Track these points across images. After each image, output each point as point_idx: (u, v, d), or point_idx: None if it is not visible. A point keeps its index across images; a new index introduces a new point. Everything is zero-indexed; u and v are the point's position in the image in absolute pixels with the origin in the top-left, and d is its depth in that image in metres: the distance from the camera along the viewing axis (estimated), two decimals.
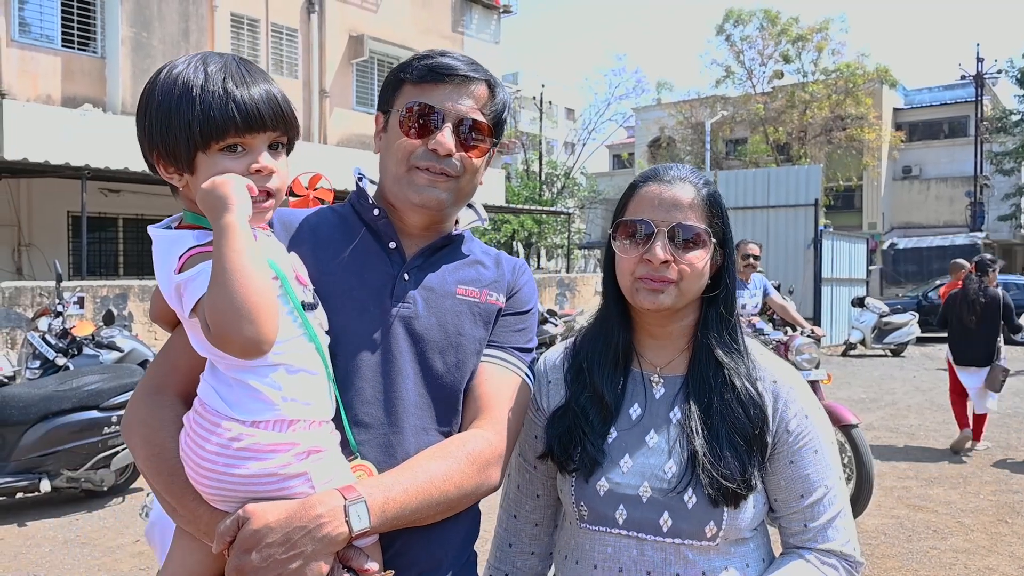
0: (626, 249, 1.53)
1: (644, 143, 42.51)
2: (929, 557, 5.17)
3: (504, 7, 24.37)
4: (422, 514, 1.35)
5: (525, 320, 1.64)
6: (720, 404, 1.50)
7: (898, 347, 17.26)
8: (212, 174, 1.25)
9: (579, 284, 20.03)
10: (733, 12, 34.58)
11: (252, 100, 1.26)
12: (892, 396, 11.73)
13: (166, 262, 1.26)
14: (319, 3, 19.41)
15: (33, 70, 14.91)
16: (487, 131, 1.55)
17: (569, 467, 1.54)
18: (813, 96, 33.25)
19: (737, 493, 1.44)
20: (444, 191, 1.51)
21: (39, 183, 15.20)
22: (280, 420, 1.26)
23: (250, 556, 1.20)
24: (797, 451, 1.50)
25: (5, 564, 5.08)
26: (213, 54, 1.31)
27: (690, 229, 1.49)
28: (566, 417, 1.58)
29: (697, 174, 1.58)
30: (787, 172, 19.42)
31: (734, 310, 1.60)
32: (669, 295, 1.50)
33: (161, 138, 1.26)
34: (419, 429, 1.47)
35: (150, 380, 1.42)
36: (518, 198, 33.19)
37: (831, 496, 1.50)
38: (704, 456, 1.45)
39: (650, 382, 1.59)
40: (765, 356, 1.61)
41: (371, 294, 1.49)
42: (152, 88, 1.28)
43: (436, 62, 1.52)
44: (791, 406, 1.52)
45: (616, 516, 1.50)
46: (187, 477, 1.28)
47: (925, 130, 40.36)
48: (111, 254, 17.07)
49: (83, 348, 7.39)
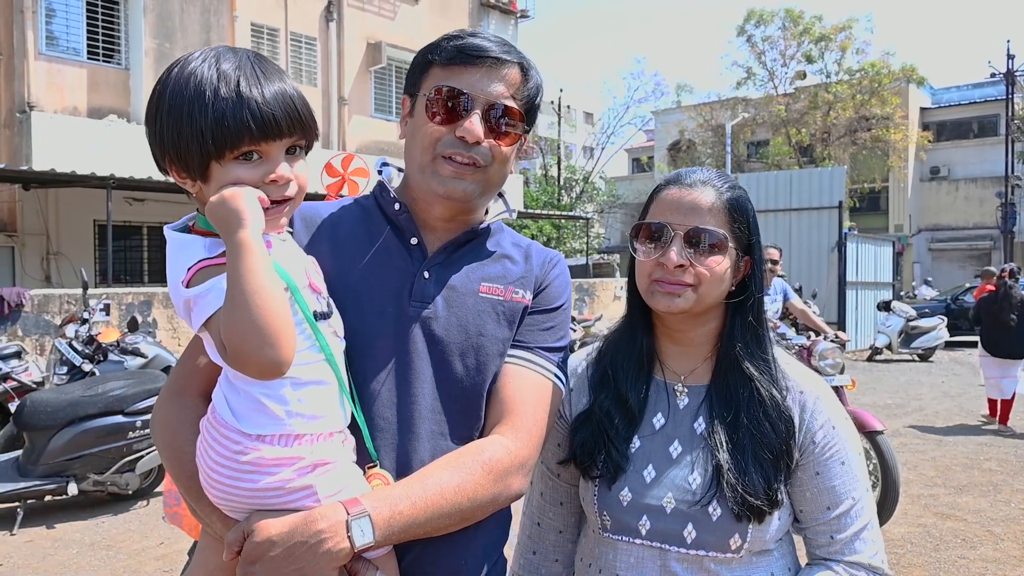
0: (644, 252, 1.51)
1: (664, 146, 42.33)
2: (958, 567, 5.08)
3: (521, 12, 24.42)
4: (433, 526, 1.30)
5: (554, 317, 1.55)
6: (746, 418, 1.47)
7: (926, 352, 17.00)
8: (226, 183, 1.20)
9: (598, 289, 19.97)
10: (754, 12, 34.34)
11: (267, 105, 1.20)
12: (919, 402, 11.57)
13: (175, 271, 1.22)
14: (337, 11, 19.54)
15: (60, 82, 15.13)
16: (519, 117, 1.47)
17: (592, 473, 1.52)
18: (837, 96, 32.90)
19: (761, 509, 1.42)
20: (471, 183, 1.44)
21: (66, 193, 15.41)
22: (285, 435, 1.23)
23: (255, 567, 1.19)
24: (823, 463, 1.48)
25: (35, 565, 5.15)
26: (227, 50, 1.25)
27: (708, 233, 1.47)
28: (590, 422, 1.56)
29: (723, 178, 1.55)
30: (810, 174, 19.24)
31: (762, 318, 1.56)
32: (685, 299, 1.47)
33: (173, 145, 1.20)
34: (436, 435, 1.41)
35: (173, 382, 1.41)
36: (536, 203, 33.21)
37: (858, 508, 1.48)
38: (729, 471, 1.43)
39: (673, 391, 1.57)
40: (791, 365, 1.58)
41: (389, 294, 1.44)
42: (163, 88, 1.21)
43: (466, 43, 1.44)
44: (818, 417, 1.50)
45: (639, 527, 1.48)
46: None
47: (953, 129, 39.78)
48: (136, 262, 17.27)
49: (108, 354, 7.47)
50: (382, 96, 20.89)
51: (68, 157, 13.76)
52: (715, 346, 1.57)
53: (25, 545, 5.51)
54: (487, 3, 22.97)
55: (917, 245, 37.90)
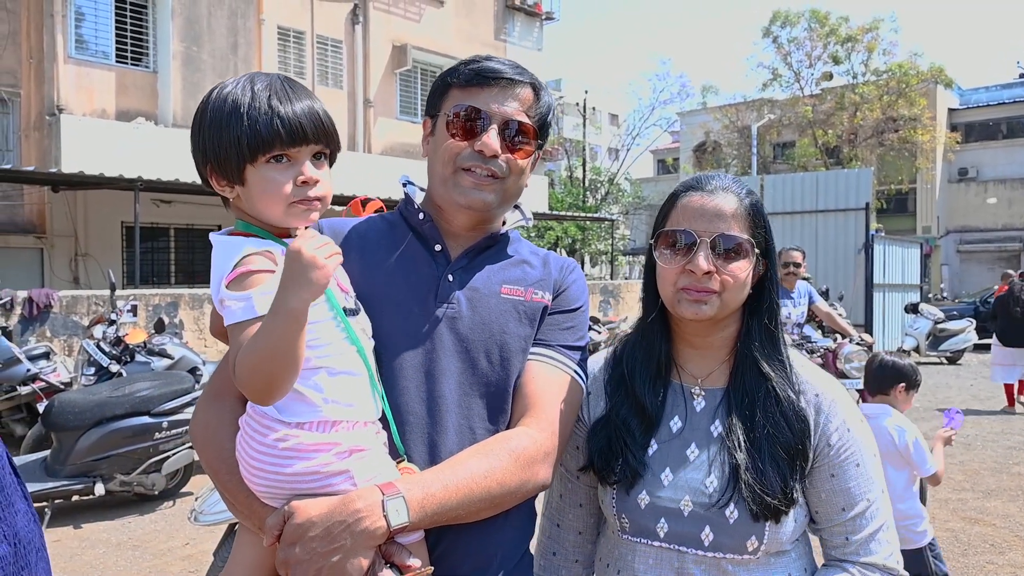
0: (668, 259, 1.52)
1: (689, 148, 42.15)
2: (986, 572, 5.02)
3: (547, 14, 24.39)
4: (464, 511, 1.36)
5: (573, 318, 1.64)
6: (763, 417, 1.49)
7: (954, 354, 16.83)
8: (261, 185, 1.35)
9: (623, 291, 19.89)
10: (780, 13, 34.08)
11: (295, 115, 1.34)
12: (947, 404, 11.43)
13: (221, 266, 1.33)
14: (363, 14, 19.64)
15: (88, 85, 15.33)
16: (532, 133, 1.57)
17: (610, 479, 1.54)
18: (864, 98, 32.56)
19: (778, 508, 1.44)
20: (490, 193, 1.54)
21: (94, 195, 15.60)
22: (323, 421, 1.32)
23: (294, 549, 1.26)
24: (838, 464, 1.49)
25: (62, 565, 5.23)
26: (260, 74, 1.40)
27: (733, 239, 1.49)
28: (607, 428, 1.58)
29: (739, 183, 1.57)
30: (836, 176, 19.03)
31: (777, 320, 1.59)
32: (712, 306, 1.49)
33: (213, 152, 1.35)
34: (464, 428, 1.49)
35: (212, 386, 1.51)
36: (561, 204, 33.15)
37: (873, 509, 1.49)
38: (746, 471, 1.45)
39: (691, 395, 1.59)
40: (807, 368, 1.60)
41: (415, 296, 1.53)
42: (204, 107, 1.37)
43: (482, 66, 1.55)
44: (833, 419, 1.51)
45: (657, 529, 1.50)
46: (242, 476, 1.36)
47: (982, 130, 39.22)
48: (163, 263, 17.44)
49: (135, 355, 7.55)
50: (407, 98, 20.96)
51: (96, 159, 13.92)
52: (732, 349, 1.59)
53: (53, 545, 5.58)
54: (512, 5, 22.98)
55: (945, 247, 37.41)
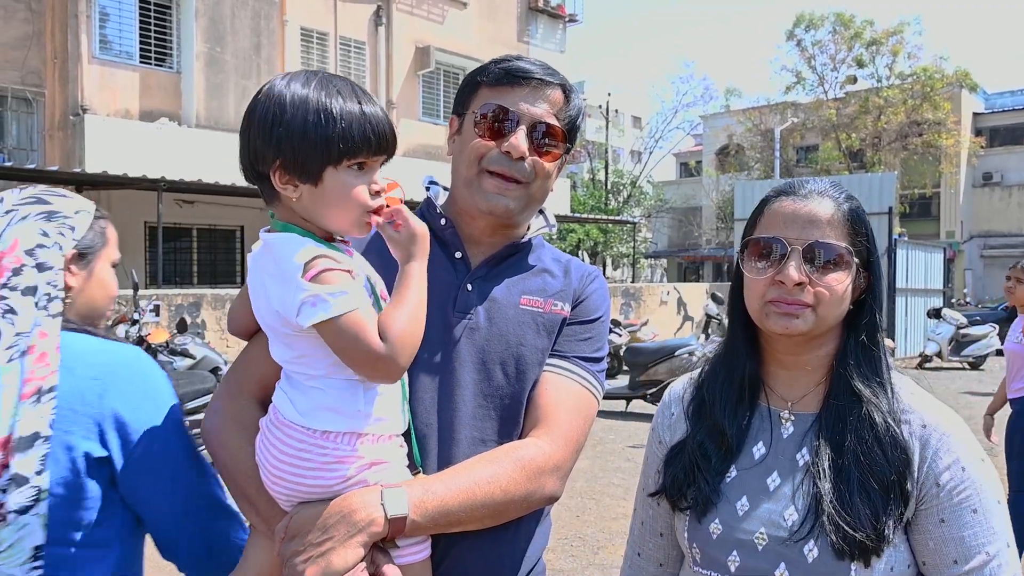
0: (756, 270, 1.39)
1: (712, 151, 41.98)
2: None
3: (570, 16, 24.39)
4: (467, 515, 1.33)
5: (592, 329, 1.59)
6: (854, 442, 1.33)
7: (977, 360, 16.62)
8: (340, 189, 1.30)
9: (645, 294, 19.83)
10: (804, 16, 33.85)
11: (383, 124, 1.32)
12: (969, 411, 11.27)
13: (286, 263, 1.26)
14: (386, 16, 19.71)
15: (112, 85, 15.48)
16: (561, 136, 1.54)
17: (681, 505, 1.44)
18: (888, 101, 32.29)
19: (866, 545, 1.27)
20: (512, 199, 1.51)
21: (118, 195, 15.73)
22: (350, 433, 1.29)
23: (291, 544, 1.25)
24: (951, 509, 1.30)
25: None
26: (325, 73, 1.35)
27: (829, 248, 1.35)
28: (683, 454, 1.47)
29: (838, 188, 1.44)
30: (860, 179, 18.91)
31: (877, 338, 1.43)
32: (804, 320, 1.35)
33: (291, 150, 1.27)
34: (476, 440, 1.46)
35: (227, 386, 1.47)
36: (584, 207, 33.12)
37: (994, 565, 1.29)
38: (830, 502, 1.30)
39: (779, 419, 1.44)
40: (916, 396, 1.43)
41: (434, 304, 1.46)
42: (280, 101, 1.28)
43: (512, 65, 1.52)
44: (943, 456, 1.33)
45: (728, 562, 1.37)
46: (260, 480, 1.33)
47: (1007, 135, 38.83)
48: (186, 263, 17.57)
49: (158, 355, 7.60)
50: (430, 100, 21.02)
51: (120, 159, 14.03)
52: (829, 370, 1.43)
53: None
54: (535, 7, 23.00)
55: (969, 252, 37.07)
